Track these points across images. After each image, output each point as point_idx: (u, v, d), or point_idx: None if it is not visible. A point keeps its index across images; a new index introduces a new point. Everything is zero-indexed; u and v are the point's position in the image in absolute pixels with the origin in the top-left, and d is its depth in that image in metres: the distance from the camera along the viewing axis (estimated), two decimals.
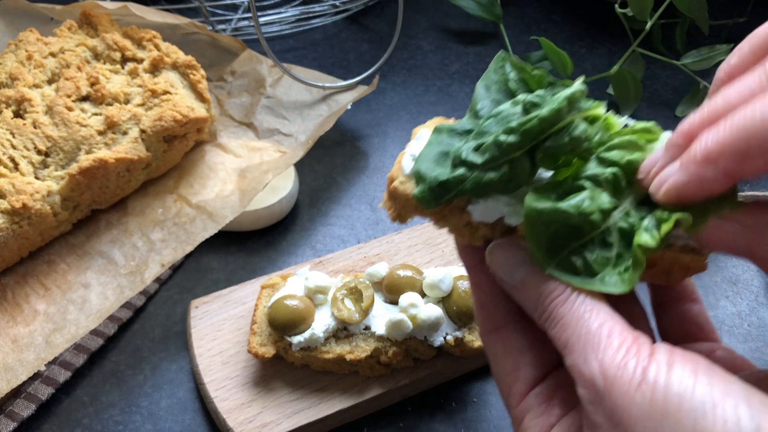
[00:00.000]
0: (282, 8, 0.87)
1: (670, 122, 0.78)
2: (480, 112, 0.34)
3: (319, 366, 0.52)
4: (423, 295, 0.52)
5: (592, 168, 0.32)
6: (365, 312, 0.51)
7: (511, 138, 0.31)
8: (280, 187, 0.64)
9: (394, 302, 0.52)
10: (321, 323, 0.51)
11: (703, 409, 0.25)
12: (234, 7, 0.87)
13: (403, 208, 0.35)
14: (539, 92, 0.33)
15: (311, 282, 0.52)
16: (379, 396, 0.52)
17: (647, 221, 0.30)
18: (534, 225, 0.31)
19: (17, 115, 0.60)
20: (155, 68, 0.65)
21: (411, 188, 0.34)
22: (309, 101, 0.72)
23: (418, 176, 0.33)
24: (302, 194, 0.69)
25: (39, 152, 0.58)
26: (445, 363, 0.53)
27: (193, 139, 0.66)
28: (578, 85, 0.32)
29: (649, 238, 0.30)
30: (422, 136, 0.35)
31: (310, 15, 0.87)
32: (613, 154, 0.32)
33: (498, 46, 0.88)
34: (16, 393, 0.52)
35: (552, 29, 0.90)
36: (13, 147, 0.58)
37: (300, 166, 0.71)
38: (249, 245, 0.65)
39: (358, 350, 0.50)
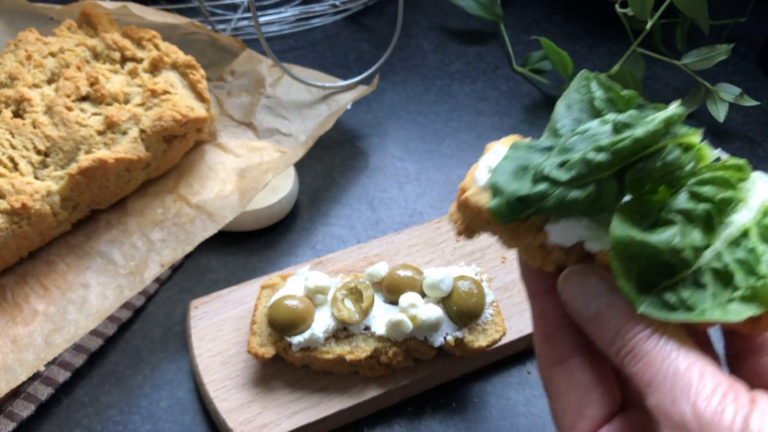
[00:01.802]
0: (282, 8, 0.87)
1: None
2: (560, 131, 0.32)
3: (319, 366, 0.52)
4: (423, 295, 0.51)
5: (683, 202, 0.30)
6: (365, 312, 0.51)
7: (601, 156, 0.29)
8: (279, 187, 0.64)
9: (394, 302, 0.52)
10: (321, 323, 0.50)
11: None
12: (234, 7, 0.87)
13: (472, 222, 0.33)
14: (631, 112, 0.31)
15: (311, 282, 0.52)
16: (379, 396, 0.52)
17: None
18: (622, 258, 0.29)
19: (17, 115, 0.60)
20: (155, 68, 0.65)
21: (485, 201, 0.31)
22: (309, 101, 0.72)
23: (494, 189, 0.31)
24: (302, 194, 0.69)
25: (38, 152, 0.58)
26: (446, 363, 0.53)
27: (193, 138, 0.66)
28: (676, 108, 0.30)
29: None
30: (498, 150, 0.33)
31: (310, 15, 0.87)
32: (707, 190, 0.30)
33: (498, 45, 0.88)
34: (15, 393, 0.52)
35: (552, 29, 0.90)
36: (13, 147, 0.57)
37: (300, 166, 0.70)
38: (249, 245, 0.65)
39: (358, 350, 0.50)
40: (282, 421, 0.50)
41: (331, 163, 0.72)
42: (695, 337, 0.30)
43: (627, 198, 0.32)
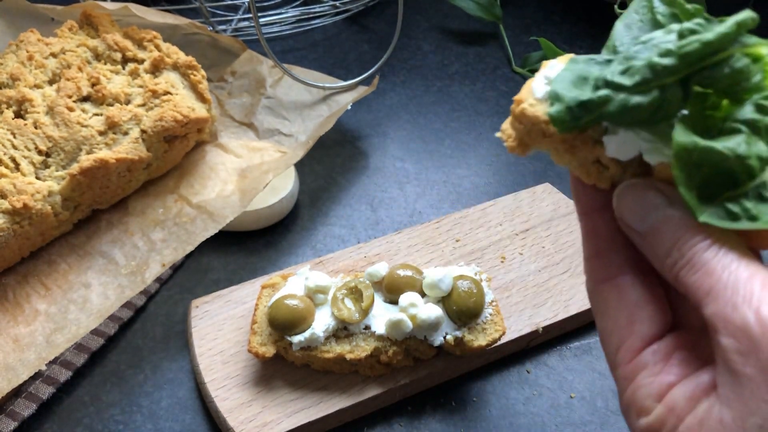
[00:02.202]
0: (282, 9, 0.87)
1: None
2: (619, 48, 0.31)
3: (320, 365, 0.52)
4: (423, 294, 0.52)
5: (749, 113, 0.29)
6: (365, 312, 0.51)
7: (668, 60, 0.28)
8: (280, 187, 0.64)
9: (394, 302, 0.52)
10: (321, 323, 0.51)
11: None
12: (234, 8, 0.87)
13: (528, 135, 0.32)
14: (697, 20, 0.30)
15: (311, 282, 0.52)
16: (379, 395, 0.52)
17: None
18: (685, 165, 0.28)
19: (18, 115, 0.60)
20: (156, 69, 0.65)
21: (542, 111, 0.31)
22: (309, 101, 0.72)
23: (554, 96, 0.30)
24: (302, 194, 0.69)
25: (40, 152, 0.58)
26: (445, 362, 0.53)
27: (194, 139, 0.66)
28: (748, 12, 0.29)
29: None
30: (554, 65, 0.33)
31: (311, 15, 0.87)
32: None
33: (498, 46, 0.88)
34: (17, 392, 0.52)
35: (551, 29, 0.91)
36: (14, 147, 0.58)
37: (300, 166, 0.71)
38: (249, 245, 0.65)
39: (358, 350, 0.51)
40: (282, 420, 0.50)
41: (331, 164, 0.73)
42: None
43: (686, 113, 0.31)
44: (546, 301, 0.58)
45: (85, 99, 0.62)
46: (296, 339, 0.50)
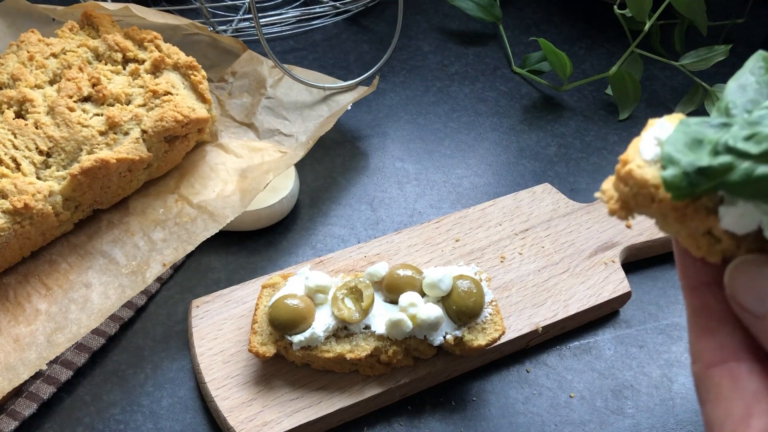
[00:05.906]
0: (283, 9, 0.87)
1: None
2: (732, 111, 0.29)
3: (320, 365, 0.52)
4: (423, 294, 0.52)
5: None
6: (365, 311, 0.51)
7: None
8: (280, 187, 0.65)
9: (394, 302, 0.52)
10: (321, 322, 0.51)
11: None
12: (235, 8, 0.87)
13: (632, 198, 0.30)
14: None
15: (312, 281, 0.52)
16: (379, 395, 0.52)
17: None
18: None
19: (19, 115, 0.60)
20: (156, 69, 0.65)
21: (652, 174, 0.28)
22: (309, 102, 0.72)
23: (668, 159, 0.28)
24: (303, 194, 0.70)
25: (41, 152, 0.58)
26: (445, 362, 0.53)
27: (194, 139, 0.66)
28: None
29: None
30: (663, 125, 0.30)
31: (311, 16, 0.87)
32: None
33: (497, 46, 0.88)
34: (17, 392, 0.52)
35: (551, 30, 0.91)
36: (15, 147, 0.58)
37: (300, 166, 0.71)
38: (250, 245, 0.65)
39: (359, 349, 0.51)
40: (283, 420, 0.50)
41: (331, 164, 0.73)
42: None
43: None
44: (545, 301, 0.58)
45: (86, 99, 0.62)
46: (296, 339, 0.50)
